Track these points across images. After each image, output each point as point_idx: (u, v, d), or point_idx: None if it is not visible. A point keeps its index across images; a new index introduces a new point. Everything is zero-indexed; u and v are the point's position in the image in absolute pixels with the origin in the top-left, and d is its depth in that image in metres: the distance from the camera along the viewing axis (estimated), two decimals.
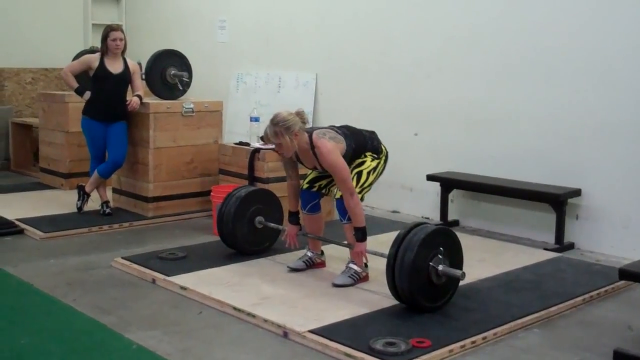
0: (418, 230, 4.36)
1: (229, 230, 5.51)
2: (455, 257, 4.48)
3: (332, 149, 4.79)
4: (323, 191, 5.20)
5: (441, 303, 4.42)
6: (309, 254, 5.29)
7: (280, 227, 5.61)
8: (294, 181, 5.19)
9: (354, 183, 4.85)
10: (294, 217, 5.26)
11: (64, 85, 7.66)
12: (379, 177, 5.12)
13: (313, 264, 5.27)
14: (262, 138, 6.74)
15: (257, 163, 6.54)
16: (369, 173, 4.97)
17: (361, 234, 4.82)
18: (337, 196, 4.90)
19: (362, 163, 4.99)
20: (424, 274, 4.30)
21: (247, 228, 5.55)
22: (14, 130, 9.76)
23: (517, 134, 6.53)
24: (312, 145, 4.82)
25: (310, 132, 4.87)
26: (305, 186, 5.18)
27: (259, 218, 5.57)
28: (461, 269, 4.45)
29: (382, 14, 7.62)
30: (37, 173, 8.96)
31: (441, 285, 4.38)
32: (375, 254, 4.78)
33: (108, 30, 6.74)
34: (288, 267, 5.23)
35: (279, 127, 4.73)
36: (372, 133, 5.18)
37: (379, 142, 5.15)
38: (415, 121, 7.34)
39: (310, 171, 5.20)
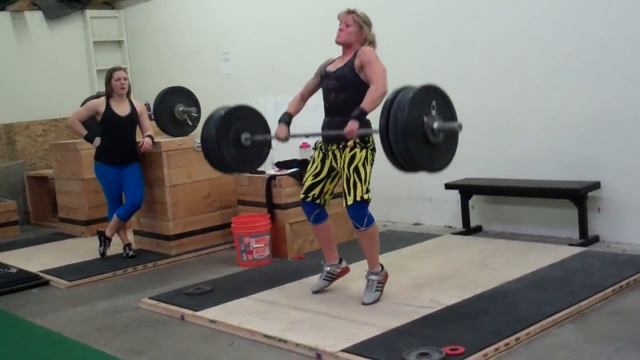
0: (404, 92, 4.21)
1: (215, 154, 5.26)
2: (449, 113, 4.33)
3: (376, 55, 4.83)
4: (317, 201, 5.04)
5: (444, 161, 4.35)
6: (327, 267, 5.21)
7: (267, 136, 5.39)
8: (304, 92, 5.37)
9: (358, 184, 4.72)
10: (286, 116, 5.22)
11: (75, 134, 7.70)
12: (372, 165, 4.90)
13: (335, 276, 5.22)
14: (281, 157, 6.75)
15: (274, 190, 6.55)
16: (364, 165, 4.78)
17: (359, 113, 4.61)
18: (346, 204, 4.77)
19: (353, 157, 4.79)
20: (420, 133, 4.17)
21: (234, 148, 5.26)
22: (30, 184, 9.82)
23: (530, 133, 6.51)
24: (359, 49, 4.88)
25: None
26: (302, 197, 5.09)
27: (245, 135, 5.29)
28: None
29: (389, 26, 7.58)
30: (57, 223, 9.00)
31: (440, 144, 4.26)
32: (366, 134, 4.72)
33: (111, 72, 6.78)
34: (312, 291, 5.19)
35: (359, 17, 4.93)
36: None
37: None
38: None
39: (305, 178, 5.10)
